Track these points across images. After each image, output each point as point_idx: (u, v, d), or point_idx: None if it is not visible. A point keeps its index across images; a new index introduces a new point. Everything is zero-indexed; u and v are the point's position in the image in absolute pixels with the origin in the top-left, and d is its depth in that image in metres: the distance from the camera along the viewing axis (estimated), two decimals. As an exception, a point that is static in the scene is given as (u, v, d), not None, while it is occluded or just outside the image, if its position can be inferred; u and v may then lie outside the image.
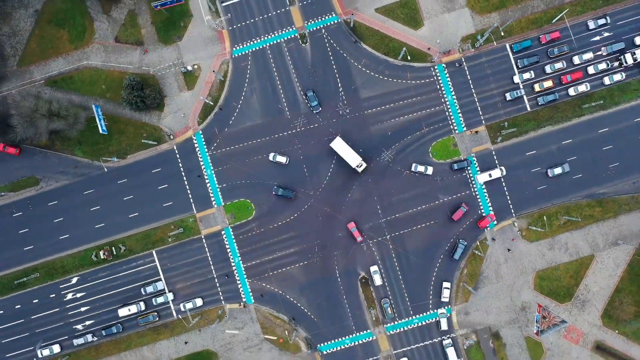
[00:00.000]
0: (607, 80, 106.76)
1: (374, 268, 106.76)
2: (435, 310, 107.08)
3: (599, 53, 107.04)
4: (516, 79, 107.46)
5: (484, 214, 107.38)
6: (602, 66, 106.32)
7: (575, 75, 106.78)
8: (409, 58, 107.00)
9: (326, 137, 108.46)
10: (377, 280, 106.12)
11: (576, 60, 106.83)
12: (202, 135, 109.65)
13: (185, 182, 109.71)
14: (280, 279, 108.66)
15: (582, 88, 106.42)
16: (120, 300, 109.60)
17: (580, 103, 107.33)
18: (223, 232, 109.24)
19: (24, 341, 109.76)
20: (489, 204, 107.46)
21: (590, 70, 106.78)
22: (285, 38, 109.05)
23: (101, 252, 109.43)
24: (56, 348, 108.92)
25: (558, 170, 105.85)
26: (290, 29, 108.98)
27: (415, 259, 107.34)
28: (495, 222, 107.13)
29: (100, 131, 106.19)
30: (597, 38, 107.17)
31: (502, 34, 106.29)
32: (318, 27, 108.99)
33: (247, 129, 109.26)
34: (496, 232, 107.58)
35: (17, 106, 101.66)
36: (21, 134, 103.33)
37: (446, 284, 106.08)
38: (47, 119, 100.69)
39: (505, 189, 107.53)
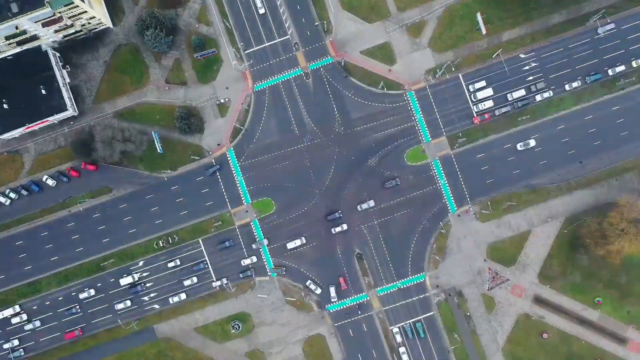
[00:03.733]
0: (538, 98, 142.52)
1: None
2: (413, 276, 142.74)
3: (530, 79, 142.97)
4: (467, 100, 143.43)
5: (447, 203, 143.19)
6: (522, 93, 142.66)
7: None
8: (385, 89, 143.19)
9: (327, 149, 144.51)
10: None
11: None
12: (233, 151, 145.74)
13: (222, 186, 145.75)
14: (296, 256, 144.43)
15: (505, 109, 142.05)
16: (176, 276, 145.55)
17: (516, 116, 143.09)
18: (252, 223, 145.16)
19: (106, 310, 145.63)
20: (451, 195, 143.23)
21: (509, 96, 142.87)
22: (294, 76, 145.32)
23: (160, 241, 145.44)
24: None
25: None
26: (297, 69, 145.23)
27: (397, 238, 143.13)
28: (456, 208, 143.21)
29: (158, 151, 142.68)
30: (527, 67, 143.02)
31: (453, 69, 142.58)
32: (318, 67, 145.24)
33: (267, 145, 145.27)
34: (457, 216, 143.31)
35: (99, 134, 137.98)
36: (101, 154, 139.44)
37: None
38: (122, 143, 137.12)
39: (462, 183, 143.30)
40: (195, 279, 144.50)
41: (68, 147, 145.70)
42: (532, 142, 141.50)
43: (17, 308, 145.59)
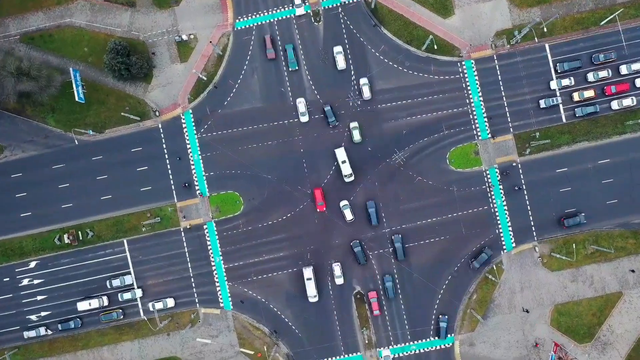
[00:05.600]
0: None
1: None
2: (436, 338, 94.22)
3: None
4: (553, 84, 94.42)
5: (502, 235, 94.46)
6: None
7: (620, 86, 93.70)
8: (435, 47, 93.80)
9: (331, 131, 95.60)
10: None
11: (624, 70, 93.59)
12: (192, 115, 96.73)
13: (168, 166, 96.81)
14: (265, 285, 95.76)
15: (628, 102, 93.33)
16: (82, 292, 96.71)
17: (623, 119, 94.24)
18: (205, 226, 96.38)
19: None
20: (509, 224, 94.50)
21: (639, 82, 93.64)
22: (296, 14, 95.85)
23: (65, 236, 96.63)
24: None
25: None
26: (303, 4, 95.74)
27: (420, 278, 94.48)
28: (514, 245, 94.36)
29: (77, 99, 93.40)
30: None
31: (545, 29, 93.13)
32: (334, 5, 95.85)
33: (244, 113, 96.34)
34: (514, 257, 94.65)
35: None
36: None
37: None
38: (14, 78, 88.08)
39: (529, 208, 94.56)
40: (106, 300, 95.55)
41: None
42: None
43: None
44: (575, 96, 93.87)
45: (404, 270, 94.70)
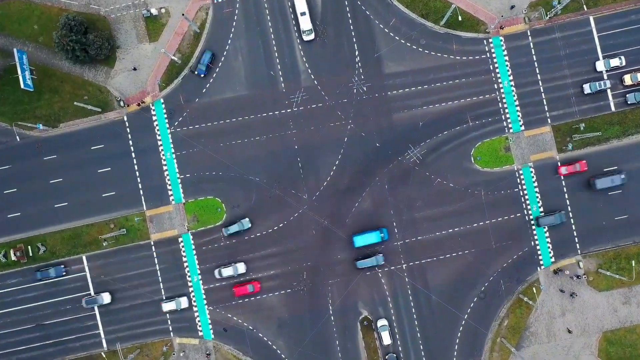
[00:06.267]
0: None
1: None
2: (460, 373, 78.17)
3: None
4: (600, 65, 78.33)
5: (539, 249, 78.27)
6: None
7: (682, 67, 77.74)
8: (460, 19, 77.16)
9: (332, 123, 79.48)
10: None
11: (686, 47, 77.61)
12: (163, 105, 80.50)
13: (136, 167, 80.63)
14: (253, 310, 79.66)
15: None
16: (32, 318, 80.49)
17: (684, 107, 78.30)
18: (180, 239, 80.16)
19: None
20: (547, 235, 78.29)
21: None
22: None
23: (12, 251, 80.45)
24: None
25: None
26: (297, -29, 79.55)
27: (440, 301, 78.28)
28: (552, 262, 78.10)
29: (22, 86, 77.19)
30: None
31: (583, 5, 76.87)
32: (335, -29, 79.80)
33: (226, 102, 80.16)
34: (553, 274, 78.45)
35: None
36: None
37: None
38: (-59, 60, 71.87)
39: (571, 215, 78.35)
40: (66, 327, 79.65)
41: None
42: None
43: None
44: (627, 79, 77.82)
45: (421, 292, 78.49)
